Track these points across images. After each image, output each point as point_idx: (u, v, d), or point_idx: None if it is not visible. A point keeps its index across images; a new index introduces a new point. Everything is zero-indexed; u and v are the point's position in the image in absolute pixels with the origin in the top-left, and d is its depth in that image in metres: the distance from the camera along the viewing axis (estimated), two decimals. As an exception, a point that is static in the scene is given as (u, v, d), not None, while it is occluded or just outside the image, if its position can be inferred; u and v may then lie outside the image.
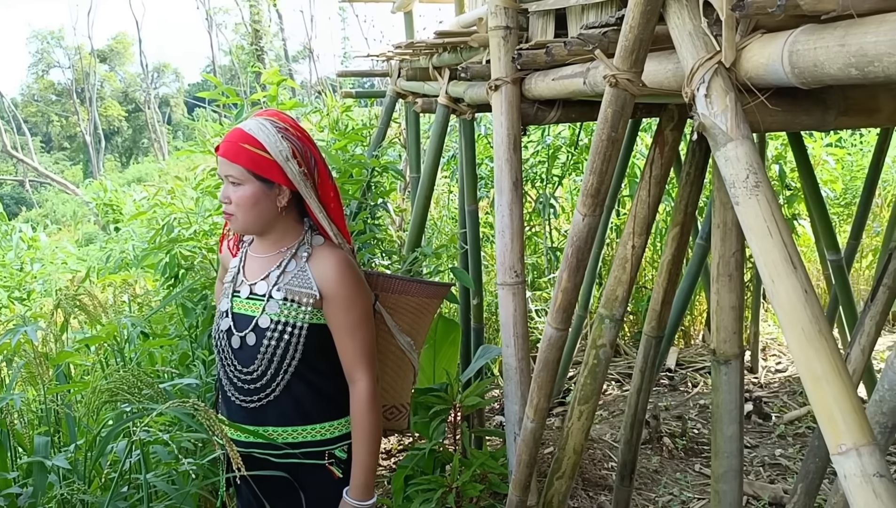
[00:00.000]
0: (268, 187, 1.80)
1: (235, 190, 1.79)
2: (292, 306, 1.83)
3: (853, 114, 1.34)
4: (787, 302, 1.11)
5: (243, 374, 1.87)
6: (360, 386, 1.87)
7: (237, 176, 1.78)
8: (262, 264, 1.90)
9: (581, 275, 1.72)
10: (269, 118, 1.84)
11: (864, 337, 2.71)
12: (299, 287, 1.84)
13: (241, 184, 1.78)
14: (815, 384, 1.07)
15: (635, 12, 1.32)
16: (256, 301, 1.86)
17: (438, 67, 3.33)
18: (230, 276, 1.95)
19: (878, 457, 1.02)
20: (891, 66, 0.94)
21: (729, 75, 1.24)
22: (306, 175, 1.84)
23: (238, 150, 1.77)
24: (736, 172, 1.18)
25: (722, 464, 2.11)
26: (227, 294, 1.92)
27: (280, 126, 1.82)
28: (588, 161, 1.54)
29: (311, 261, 1.87)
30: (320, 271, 1.85)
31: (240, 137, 1.78)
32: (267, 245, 1.91)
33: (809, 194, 3.82)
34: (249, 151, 1.77)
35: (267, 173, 1.78)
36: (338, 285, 1.84)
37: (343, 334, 1.86)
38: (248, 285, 1.88)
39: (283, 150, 1.79)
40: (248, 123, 1.81)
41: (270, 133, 1.79)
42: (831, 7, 1.01)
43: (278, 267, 1.87)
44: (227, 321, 1.88)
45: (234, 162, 1.77)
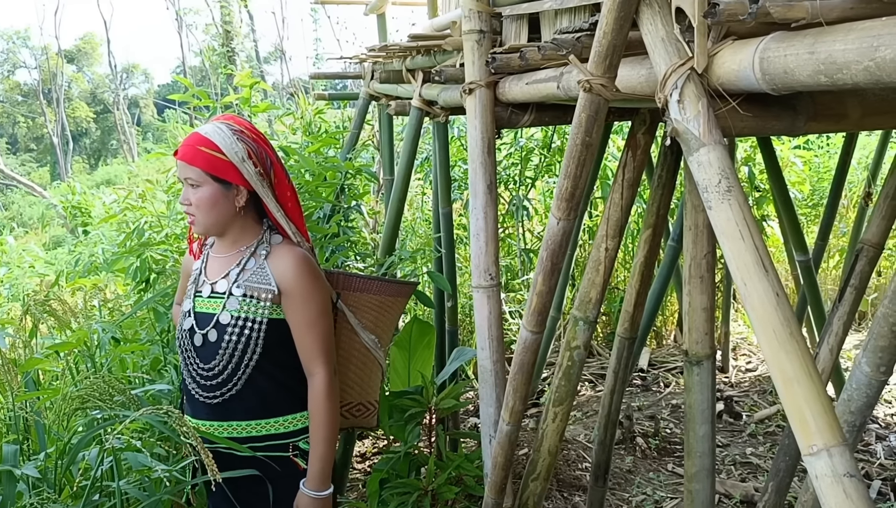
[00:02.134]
0: (225, 188, 1.87)
1: (195, 192, 1.85)
2: (251, 302, 1.90)
3: (822, 119, 1.36)
4: (759, 304, 1.13)
5: (206, 371, 1.93)
6: (318, 379, 1.94)
7: (195, 178, 1.84)
8: (223, 263, 1.97)
9: (556, 279, 1.73)
10: (224, 122, 1.89)
11: (833, 337, 2.76)
12: (258, 283, 1.91)
13: (199, 186, 1.85)
14: (786, 385, 1.09)
15: (609, 18, 1.34)
16: (217, 299, 1.93)
17: (412, 70, 3.33)
18: (193, 278, 2.02)
19: (848, 457, 1.03)
20: (858, 73, 0.96)
21: (701, 81, 1.25)
22: (262, 175, 1.90)
23: (195, 152, 1.83)
24: (708, 176, 1.20)
25: (695, 464, 2.14)
26: (190, 295, 1.98)
27: (235, 129, 1.88)
28: (562, 166, 1.55)
29: (270, 258, 1.94)
30: (278, 268, 1.92)
31: (196, 141, 1.84)
32: (227, 245, 1.98)
33: (778, 196, 3.88)
34: (206, 153, 1.83)
35: (223, 174, 1.85)
36: (295, 281, 1.91)
37: (301, 328, 1.93)
38: (209, 284, 1.96)
39: (238, 151, 1.85)
40: (204, 127, 1.88)
41: (226, 135, 1.85)
42: (801, 15, 1.02)
43: (238, 265, 1.94)
44: (190, 321, 1.95)
45: (192, 164, 1.83)
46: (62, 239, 12.39)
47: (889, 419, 4.21)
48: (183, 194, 1.89)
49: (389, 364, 3.15)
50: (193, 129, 2.00)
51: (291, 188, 2.01)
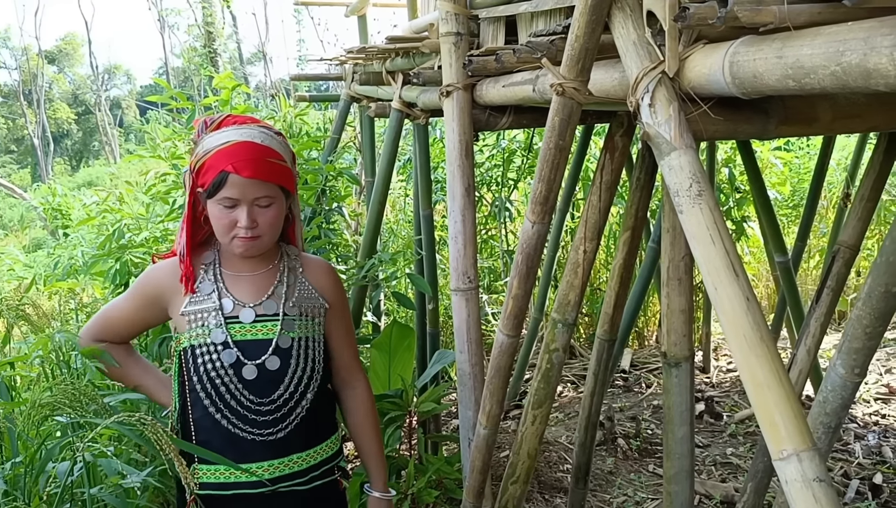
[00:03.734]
0: (287, 200, 1.74)
1: (265, 211, 1.66)
2: (308, 321, 1.76)
3: (793, 123, 1.36)
4: (729, 309, 1.13)
5: (262, 405, 1.71)
6: (362, 386, 1.91)
7: (271, 195, 1.66)
8: (257, 282, 1.76)
9: (531, 282, 1.72)
10: (256, 125, 1.73)
11: (810, 338, 2.78)
12: (309, 301, 1.78)
13: (272, 204, 1.67)
14: (756, 390, 1.09)
15: (581, 21, 1.33)
16: (268, 322, 1.73)
17: (392, 72, 3.32)
18: (207, 304, 1.73)
19: (818, 462, 1.04)
20: (825, 78, 0.96)
21: (672, 85, 1.25)
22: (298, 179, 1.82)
23: (271, 167, 1.65)
24: (679, 180, 1.20)
25: (674, 465, 2.14)
26: (214, 324, 1.71)
27: (275, 130, 1.75)
28: (536, 169, 1.54)
29: (306, 272, 1.82)
30: (319, 282, 1.82)
31: (264, 153, 1.65)
32: (255, 262, 1.77)
33: (757, 198, 3.90)
34: (278, 166, 1.67)
35: (291, 185, 1.72)
36: (336, 292, 1.84)
37: (342, 339, 1.86)
38: (249, 307, 1.73)
39: (289, 156, 1.73)
40: (253, 135, 1.67)
41: (277, 141, 1.70)
42: (769, 20, 1.02)
43: (280, 283, 1.77)
44: (232, 352, 1.70)
45: (270, 181, 1.65)
46: (42, 241, 12.28)
47: (867, 418, 4.24)
48: (247, 215, 1.64)
49: (370, 367, 3.14)
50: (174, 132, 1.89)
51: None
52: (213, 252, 1.78)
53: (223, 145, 1.63)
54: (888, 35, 0.86)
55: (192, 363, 1.72)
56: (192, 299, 1.73)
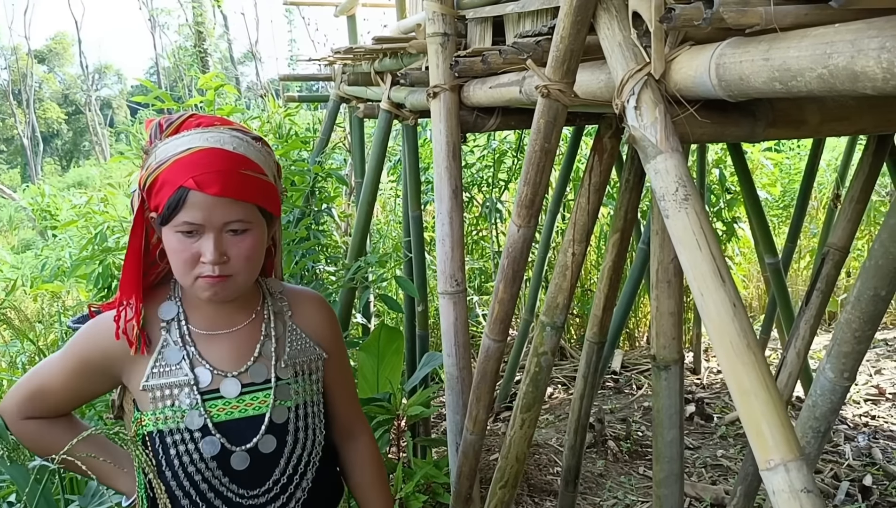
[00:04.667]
0: (268, 225, 1.36)
1: (239, 240, 1.28)
2: (305, 382, 1.42)
3: (781, 126, 1.35)
4: (715, 315, 1.11)
5: (257, 497, 1.38)
6: (366, 438, 1.59)
7: (246, 219, 1.28)
8: (238, 340, 1.39)
9: (518, 286, 1.70)
10: (230, 128, 1.34)
11: (800, 340, 2.77)
12: (304, 354, 1.43)
13: (248, 230, 1.29)
14: (743, 398, 1.07)
15: (566, 22, 1.31)
16: (258, 393, 1.37)
17: (380, 72, 3.29)
18: (176, 376, 1.34)
19: (805, 472, 1.02)
20: (812, 81, 0.94)
21: (658, 87, 1.23)
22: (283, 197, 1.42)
23: (246, 182, 1.27)
24: (665, 184, 1.18)
25: (663, 469, 2.13)
26: (189, 403, 1.33)
27: (252, 135, 1.35)
28: (522, 172, 1.52)
29: (296, 315, 1.45)
30: (313, 324, 1.46)
31: (237, 163, 1.27)
32: (231, 311, 1.39)
33: (748, 199, 3.89)
34: (256, 180, 1.29)
35: (273, 206, 1.34)
36: (332, 334, 1.49)
37: (342, 388, 1.53)
38: (232, 377, 1.36)
39: (272, 168, 1.35)
40: (223, 140, 1.29)
41: (255, 148, 1.32)
42: (755, 21, 1.00)
43: (268, 337, 1.40)
44: (215, 441, 1.33)
45: (244, 199, 1.27)
46: (32, 242, 12.20)
47: (857, 419, 4.24)
48: (212, 250, 1.26)
49: (358, 371, 3.11)
50: None
51: None
52: (173, 303, 1.39)
53: (182, 154, 1.25)
54: (875, 37, 0.84)
55: (162, 454, 1.34)
56: (153, 368, 1.34)
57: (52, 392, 1.41)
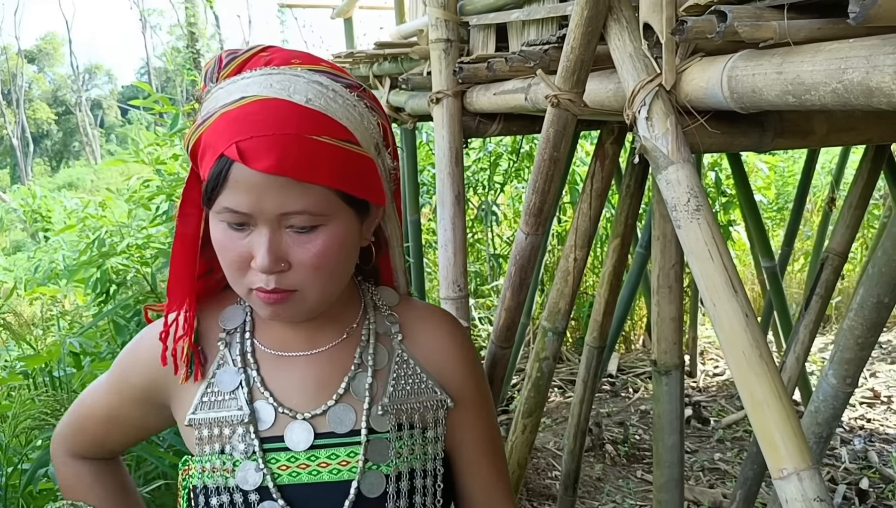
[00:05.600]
0: (360, 217, 0.95)
1: (308, 240, 0.89)
2: (415, 439, 1.00)
3: (788, 136, 1.36)
4: (728, 326, 1.11)
5: None
6: None
7: (316, 209, 0.87)
8: (317, 368, 1.01)
9: (525, 293, 1.71)
10: (308, 67, 0.92)
11: (799, 345, 2.78)
12: (417, 398, 1.01)
13: (319, 226, 0.89)
14: (755, 408, 1.08)
15: (576, 33, 1.32)
16: (340, 448, 0.97)
17: (379, 76, 3.30)
18: (228, 409, 0.98)
19: (818, 481, 1.03)
20: (826, 95, 0.95)
21: (669, 98, 1.24)
22: (395, 175, 1.03)
23: (317, 153, 0.85)
24: (677, 195, 1.18)
25: (663, 473, 2.13)
26: (242, 450, 0.97)
27: (346, 80, 0.94)
28: (530, 181, 1.53)
29: (410, 342, 1.04)
30: (433, 357, 1.04)
31: (311, 123, 0.86)
32: (315, 325, 1.01)
33: (744, 203, 3.92)
34: (338, 150, 0.87)
35: (368, 189, 0.93)
36: (467, 375, 1.06)
37: (479, 455, 1.09)
38: (300, 419, 0.98)
39: (373, 130, 0.95)
40: (291, 86, 0.87)
41: (344, 101, 0.91)
42: (769, 35, 1.01)
43: (361, 367, 1.01)
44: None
45: (314, 180, 0.85)
46: (22, 244, 12.14)
47: (853, 422, 4.27)
48: (264, 252, 0.87)
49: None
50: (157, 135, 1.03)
51: (400, 200, 1.11)
52: (241, 309, 1.04)
53: (231, 106, 0.86)
54: (891, 53, 0.85)
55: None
56: (204, 395, 1.00)
57: (96, 424, 1.11)
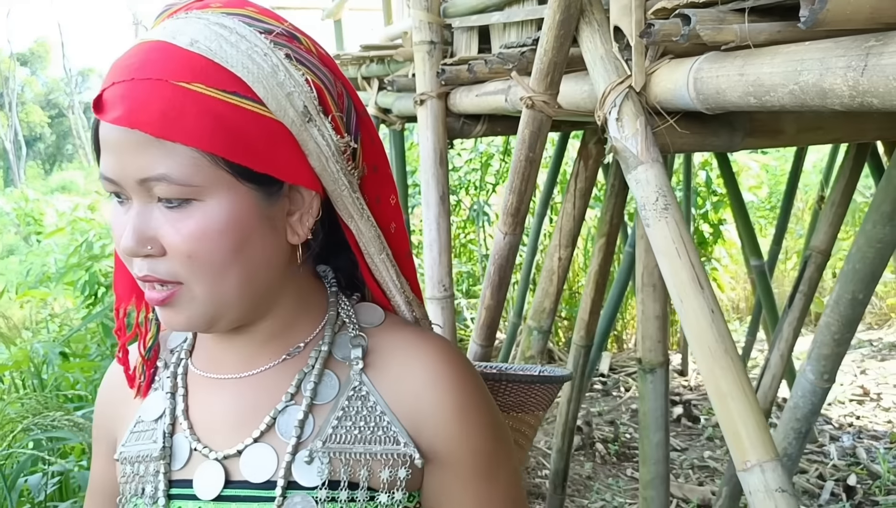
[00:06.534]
0: (266, 196, 0.74)
1: (178, 216, 0.71)
2: (360, 503, 0.77)
3: (759, 136, 1.38)
4: (694, 322, 1.14)
5: None
6: None
7: (182, 177, 0.69)
8: (246, 396, 0.81)
9: (504, 292, 1.73)
10: (236, 11, 0.74)
11: (783, 342, 2.82)
12: (368, 445, 0.78)
13: (194, 199, 0.70)
14: (721, 401, 1.10)
15: (549, 36, 1.34)
16: (251, 503, 0.78)
17: (367, 78, 3.32)
18: (147, 443, 0.83)
19: (780, 472, 1.05)
20: (784, 96, 0.97)
21: (639, 99, 1.26)
22: (346, 154, 0.77)
23: (185, 103, 0.68)
24: (646, 194, 1.21)
25: (650, 471, 2.16)
26: (150, 494, 0.80)
27: (265, 26, 0.74)
28: (507, 181, 1.55)
29: (373, 370, 0.81)
30: (410, 396, 0.79)
31: (184, 68, 0.69)
32: (252, 342, 0.82)
33: (733, 202, 3.95)
34: (218, 102, 0.69)
35: (262, 158, 0.71)
36: (461, 427, 0.80)
37: None
38: (213, 461, 0.79)
39: (294, 90, 0.72)
40: (186, 29, 0.71)
41: (254, 47, 0.71)
42: (730, 38, 1.04)
43: (295, 398, 0.79)
44: None
45: (170, 136, 0.67)
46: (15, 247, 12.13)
47: (842, 419, 4.30)
48: (130, 230, 0.71)
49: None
50: None
51: (393, 184, 0.87)
52: None
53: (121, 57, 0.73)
54: (842, 56, 0.88)
55: None
56: (135, 425, 0.85)
57: (104, 499, 0.92)
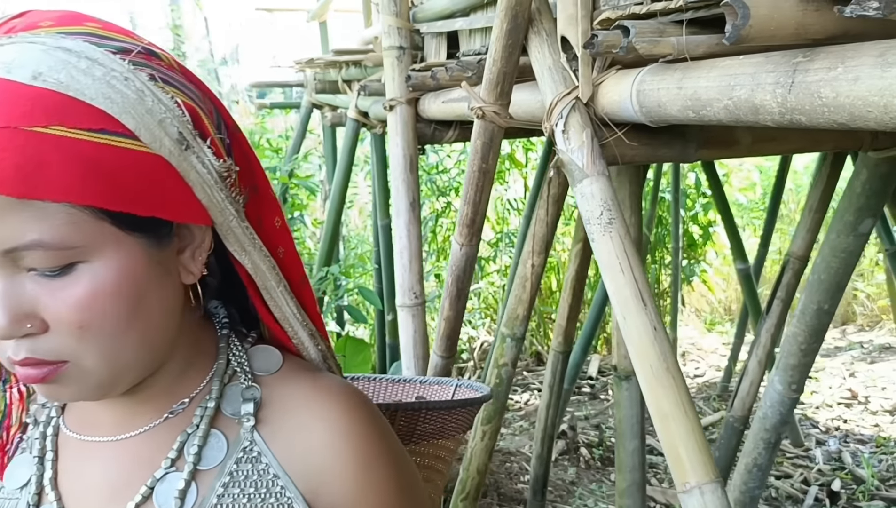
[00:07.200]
0: (156, 241, 0.64)
1: (61, 285, 0.60)
2: None
3: (713, 147, 1.36)
4: (637, 339, 1.12)
5: None
6: None
7: (59, 239, 0.58)
8: (123, 461, 0.71)
9: (463, 303, 1.71)
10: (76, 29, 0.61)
11: (761, 349, 2.79)
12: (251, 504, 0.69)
13: (79, 261, 0.60)
14: (662, 421, 1.08)
15: (497, 46, 1.32)
16: None
17: (348, 81, 3.30)
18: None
19: (719, 495, 1.03)
20: (720, 111, 0.95)
21: (587, 111, 1.24)
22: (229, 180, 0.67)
23: (41, 150, 0.55)
24: (591, 208, 1.18)
25: (625, 478, 2.14)
26: None
27: (118, 45, 0.62)
28: (462, 192, 1.53)
29: (267, 427, 0.71)
30: (308, 456, 0.70)
31: (36, 109, 0.55)
32: (132, 404, 0.72)
33: (719, 206, 3.93)
34: (81, 143, 0.57)
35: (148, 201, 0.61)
36: (368, 489, 0.72)
37: None
38: None
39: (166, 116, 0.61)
40: (20, 58, 0.57)
41: (115, 73, 0.59)
42: (667, 51, 1.01)
43: (176, 463, 0.70)
44: None
45: (36, 195, 0.56)
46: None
47: (829, 423, 4.27)
48: (6, 307, 0.58)
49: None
50: None
51: (277, 205, 0.76)
52: None
53: None
54: (772, 72, 0.85)
55: None
56: None
57: None
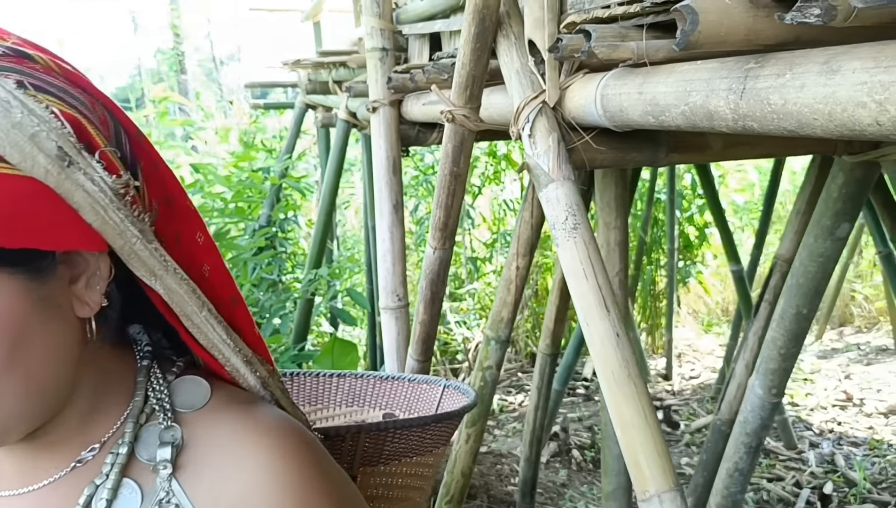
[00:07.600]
0: (35, 275, 0.57)
1: None
2: None
3: (684, 151, 1.35)
4: (599, 345, 1.11)
5: None
6: None
7: None
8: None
9: (438, 307, 1.70)
10: None
11: (748, 352, 2.78)
12: None
13: None
14: (623, 429, 1.07)
15: (466, 49, 1.31)
16: None
17: (338, 82, 3.29)
18: None
19: (678, 503, 1.02)
20: (678, 117, 0.94)
21: (554, 115, 1.23)
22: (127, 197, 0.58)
23: None
24: (556, 213, 1.17)
25: (611, 482, 2.14)
26: None
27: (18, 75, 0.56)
28: (434, 196, 1.52)
29: (189, 470, 0.63)
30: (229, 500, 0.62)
31: None
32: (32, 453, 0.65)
33: (712, 208, 3.91)
34: None
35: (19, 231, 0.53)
36: None
37: None
38: None
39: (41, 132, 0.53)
40: None
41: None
42: (627, 56, 1.00)
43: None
44: None
45: None
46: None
47: (823, 425, 4.25)
48: None
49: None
50: None
51: (197, 217, 0.67)
52: None
53: None
54: (725, 78, 0.84)
55: None
56: None
57: None
